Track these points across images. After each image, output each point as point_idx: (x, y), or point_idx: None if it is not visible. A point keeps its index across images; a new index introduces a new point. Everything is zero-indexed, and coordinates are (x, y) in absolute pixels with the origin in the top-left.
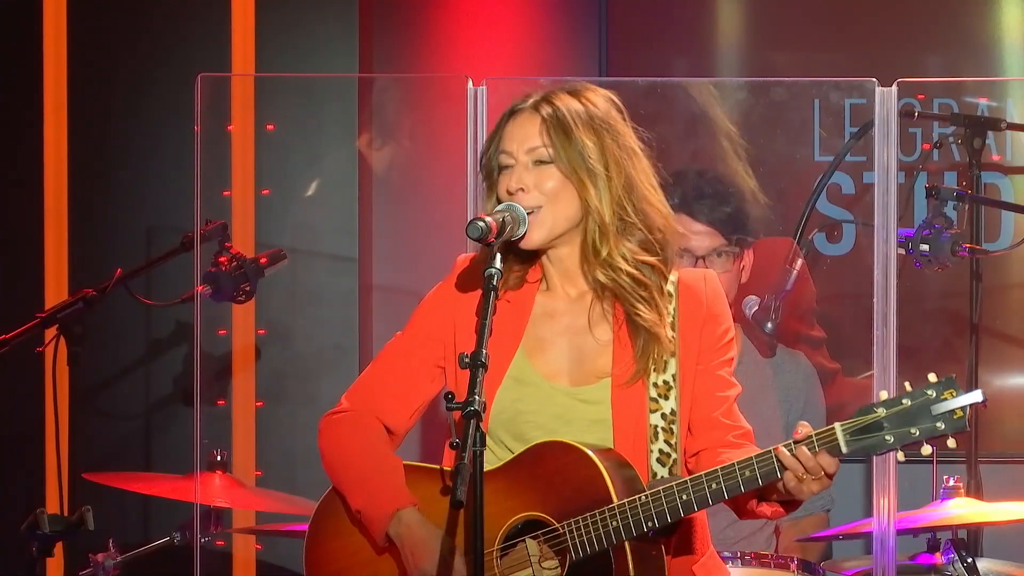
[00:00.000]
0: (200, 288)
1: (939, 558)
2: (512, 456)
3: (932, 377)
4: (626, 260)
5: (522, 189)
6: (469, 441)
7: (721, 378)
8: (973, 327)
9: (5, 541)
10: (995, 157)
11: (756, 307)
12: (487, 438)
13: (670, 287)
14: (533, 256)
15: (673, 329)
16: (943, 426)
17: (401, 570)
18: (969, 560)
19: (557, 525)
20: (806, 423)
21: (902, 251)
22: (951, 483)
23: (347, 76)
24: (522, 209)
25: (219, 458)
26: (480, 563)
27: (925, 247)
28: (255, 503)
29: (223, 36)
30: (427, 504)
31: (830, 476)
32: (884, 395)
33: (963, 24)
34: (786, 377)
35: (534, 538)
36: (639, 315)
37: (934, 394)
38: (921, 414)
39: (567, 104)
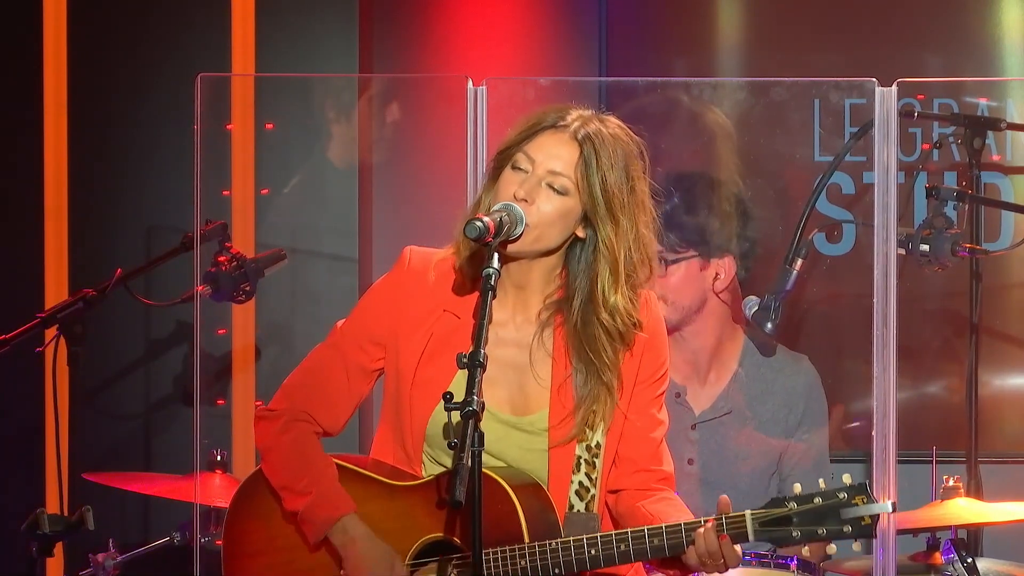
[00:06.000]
0: (200, 288)
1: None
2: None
3: (847, 479)
4: (627, 308)
5: (526, 200)
6: (468, 441)
7: (653, 417)
8: (973, 327)
9: (5, 541)
10: (995, 157)
11: (756, 307)
12: (423, 452)
13: None
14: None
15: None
16: (850, 529)
17: (317, 563)
18: (969, 560)
19: (466, 553)
20: (727, 504)
21: (902, 251)
22: (951, 483)
23: (347, 76)
24: (520, 209)
25: (219, 458)
26: (479, 562)
27: (925, 247)
28: None
29: (223, 36)
30: (362, 506)
31: (728, 566)
32: (798, 488)
33: (963, 24)
34: (787, 380)
35: (447, 562)
36: (603, 365)
37: (845, 497)
38: (830, 515)
39: (605, 143)
